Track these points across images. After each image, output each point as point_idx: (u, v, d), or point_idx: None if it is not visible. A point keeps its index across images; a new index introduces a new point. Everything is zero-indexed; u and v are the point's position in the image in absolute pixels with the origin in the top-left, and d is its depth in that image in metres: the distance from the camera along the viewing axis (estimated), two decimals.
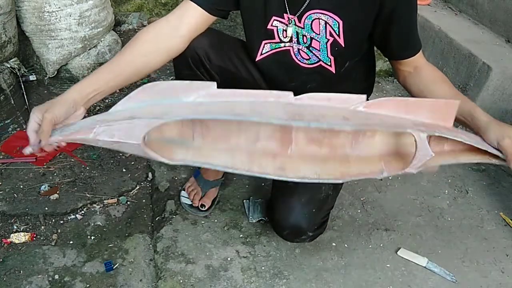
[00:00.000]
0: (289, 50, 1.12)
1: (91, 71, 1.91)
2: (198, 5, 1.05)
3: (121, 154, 1.67)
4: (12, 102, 1.68)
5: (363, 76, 1.22)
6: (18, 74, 1.75)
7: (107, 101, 1.97)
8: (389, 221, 1.48)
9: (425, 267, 1.31)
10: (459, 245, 1.42)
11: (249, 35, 1.17)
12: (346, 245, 1.37)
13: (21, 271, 1.20)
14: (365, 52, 1.15)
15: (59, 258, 1.25)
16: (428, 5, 2.30)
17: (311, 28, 1.05)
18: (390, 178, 1.68)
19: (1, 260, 1.22)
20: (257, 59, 1.17)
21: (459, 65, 1.92)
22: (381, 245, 1.38)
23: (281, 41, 1.11)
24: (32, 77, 1.96)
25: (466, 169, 1.79)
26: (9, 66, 1.69)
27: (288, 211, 1.13)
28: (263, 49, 1.15)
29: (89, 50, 1.91)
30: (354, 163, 0.94)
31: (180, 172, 1.57)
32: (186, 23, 1.06)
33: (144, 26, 2.67)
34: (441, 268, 1.31)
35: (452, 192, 1.65)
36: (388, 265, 1.31)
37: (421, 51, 1.10)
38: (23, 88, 1.79)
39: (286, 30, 1.08)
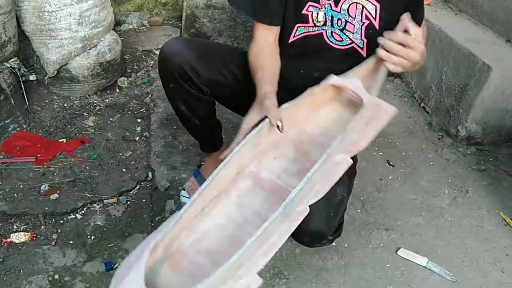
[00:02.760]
0: (322, 33, 1.15)
1: (91, 71, 1.92)
2: (274, 26, 1.15)
3: (121, 154, 1.67)
4: (12, 102, 1.68)
5: None
6: (18, 74, 1.75)
7: (107, 100, 1.97)
8: (389, 221, 1.48)
9: (425, 267, 1.31)
10: (459, 245, 1.42)
11: (285, 20, 1.18)
12: (346, 245, 1.37)
13: (21, 271, 1.20)
14: None
15: (59, 257, 1.25)
16: (428, 4, 2.30)
17: (348, 12, 1.09)
18: (390, 177, 1.69)
19: (1, 260, 1.22)
20: (289, 41, 1.19)
21: (459, 65, 1.91)
22: (381, 245, 1.38)
23: (315, 25, 1.14)
24: (32, 77, 1.96)
25: (466, 169, 1.79)
26: (9, 66, 1.69)
27: (308, 217, 1.13)
28: (296, 31, 1.17)
29: (89, 50, 1.91)
30: None
31: (180, 172, 1.57)
32: (274, 39, 1.18)
33: (144, 25, 2.67)
34: (441, 268, 1.31)
35: (452, 192, 1.65)
36: (388, 265, 1.31)
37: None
38: (23, 88, 1.79)
39: (317, 14, 1.11)
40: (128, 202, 1.47)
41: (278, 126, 0.93)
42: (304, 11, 1.12)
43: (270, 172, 0.97)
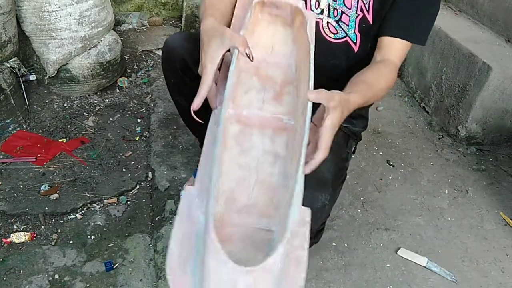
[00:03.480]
0: (318, 22, 1.12)
1: (91, 71, 1.91)
2: None
3: (121, 154, 1.67)
4: (12, 102, 1.68)
5: None
6: (18, 73, 1.75)
7: (107, 100, 1.97)
8: (389, 221, 1.48)
9: (425, 266, 1.31)
10: (459, 245, 1.42)
11: None
12: (346, 245, 1.37)
13: (21, 271, 1.20)
14: None
15: (59, 257, 1.25)
16: None
17: (344, 2, 1.07)
18: (390, 177, 1.68)
19: (1, 259, 1.22)
20: None
21: (459, 64, 1.91)
22: (381, 244, 1.38)
23: (312, 11, 1.12)
24: (32, 77, 1.96)
25: (466, 169, 1.79)
26: (9, 65, 1.69)
27: None
28: None
29: (89, 49, 1.91)
30: None
31: (180, 172, 1.57)
32: None
33: (144, 25, 2.68)
34: (441, 267, 1.31)
35: (452, 192, 1.65)
36: (388, 265, 1.31)
37: (402, 48, 1.05)
38: (23, 88, 1.79)
39: (318, 2, 1.09)
40: (128, 202, 1.47)
41: (249, 55, 0.83)
42: None
43: (250, 108, 0.92)
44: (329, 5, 1.09)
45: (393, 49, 1.05)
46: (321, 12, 1.10)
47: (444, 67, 2.02)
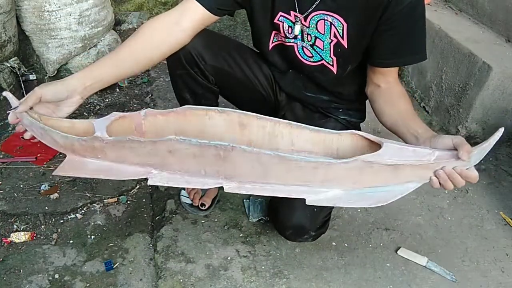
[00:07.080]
0: (293, 46, 1.13)
1: None
2: (200, 4, 1.05)
3: None
4: None
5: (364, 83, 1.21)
6: (18, 73, 1.75)
7: (107, 100, 1.97)
8: (389, 221, 1.48)
9: (425, 266, 1.31)
10: (459, 244, 1.42)
11: (257, 26, 1.17)
12: (346, 245, 1.37)
13: (21, 271, 1.20)
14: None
15: (59, 257, 1.25)
16: (428, 4, 2.30)
17: (316, 28, 1.06)
18: None
19: (1, 259, 1.22)
20: (269, 48, 1.18)
21: (459, 64, 1.91)
22: (381, 244, 1.38)
23: (286, 37, 1.12)
24: (32, 77, 1.96)
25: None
26: (9, 65, 1.70)
27: (290, 211, 1.13)
28: (274, 38, 1.16)
29: (89, 49, 1.91)
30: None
31: None
32: (188, 19, 1.07)
33: None
34: (441, 267, 1.31)
35: (452, 192, 1.65)
36: (388, 265, 1.31)
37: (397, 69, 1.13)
38: (23, 88, 1.79)
39: (291, 27, 1.09)
40: (128, 202, 1.47)
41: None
42: (276, 20, 1.10)
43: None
44: (301, 30, 1.09)
45: (393, 73, 1.11)
46: (295, 37, 1.11)
47: (444, 67, 2.01)
